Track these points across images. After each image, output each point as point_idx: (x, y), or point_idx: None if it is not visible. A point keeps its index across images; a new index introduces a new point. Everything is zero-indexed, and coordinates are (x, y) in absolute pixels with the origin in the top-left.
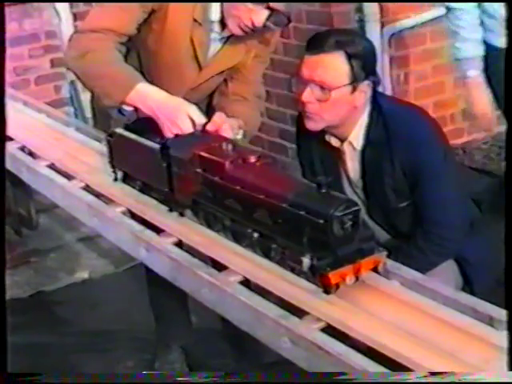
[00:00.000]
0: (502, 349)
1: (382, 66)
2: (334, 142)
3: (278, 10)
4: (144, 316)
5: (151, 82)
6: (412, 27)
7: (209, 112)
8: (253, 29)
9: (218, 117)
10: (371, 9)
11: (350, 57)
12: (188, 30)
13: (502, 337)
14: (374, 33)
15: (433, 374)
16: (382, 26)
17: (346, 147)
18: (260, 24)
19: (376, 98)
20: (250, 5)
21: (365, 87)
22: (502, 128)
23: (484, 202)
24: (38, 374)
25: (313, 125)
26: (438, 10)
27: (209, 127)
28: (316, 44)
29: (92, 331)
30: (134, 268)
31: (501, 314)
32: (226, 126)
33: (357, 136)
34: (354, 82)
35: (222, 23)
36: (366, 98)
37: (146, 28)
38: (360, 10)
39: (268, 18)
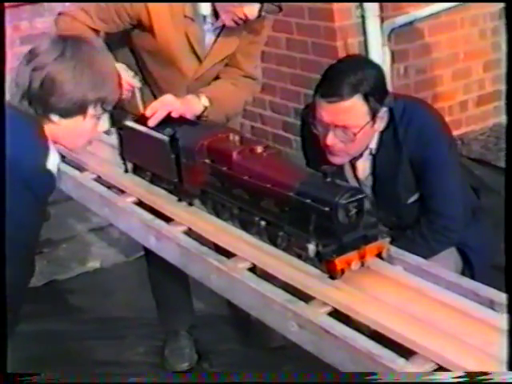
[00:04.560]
0: (503, 331)
1: (383, 60)
2: None
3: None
4: (154, 303)
5: (152, 77)
6: (411, 22)
7: None
8: (246, 21)
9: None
10: (371, 5)
11: (366, 96)
12: (181, 27)
13: (502, 319)
14: (374, 28)
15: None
16: (382, 21)
17: (364, 153)
18: (254, 16)
19: None
20: None
21: (382, 114)
22: (499, 119)
23: (482, 189)
24: (37, 374)
25: (339, 160)
26: (436, 6)
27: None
28: (332, 91)
29: (104, 318)
30: (143, 257)
31: (501, 297)
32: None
33: (374, 142)
34: (374, 116)
35: (215, 14)
36: (384, 120)
37: (136, 36)
38: (361, 7)
39: (260, 10)
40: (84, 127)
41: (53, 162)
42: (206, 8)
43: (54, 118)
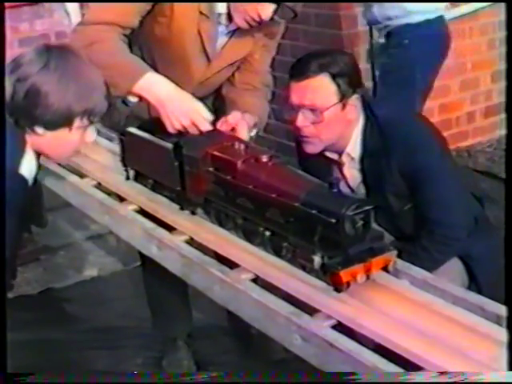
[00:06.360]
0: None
1: None
2: (332, 155)
3: (284, 4)
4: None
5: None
6: None
7: (215, 105)
8: (259, 22)
9: (233, 116)
10: None
11: (334, 76)
12: (195, 23)
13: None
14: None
15: (441, 373)
16: None
17: (344, 158)
18: (267, 18)
19: (369, 106)
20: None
21: (354, 101)
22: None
23: (486, 199)
24: (34, 374)
25: (312, 148)
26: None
27: (223, 127)
28: (300, 70)
29: (101, 328)
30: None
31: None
32: (241, 126)
33: (354, 146)
34: (343, 98)
35: (229, 16)
36: (357, 110)
37: (150, 21)
38: None
39: (275, 12)
40: (70, 139)
41: (27, 168)
42: (222, 6)
43: (39, 130)
